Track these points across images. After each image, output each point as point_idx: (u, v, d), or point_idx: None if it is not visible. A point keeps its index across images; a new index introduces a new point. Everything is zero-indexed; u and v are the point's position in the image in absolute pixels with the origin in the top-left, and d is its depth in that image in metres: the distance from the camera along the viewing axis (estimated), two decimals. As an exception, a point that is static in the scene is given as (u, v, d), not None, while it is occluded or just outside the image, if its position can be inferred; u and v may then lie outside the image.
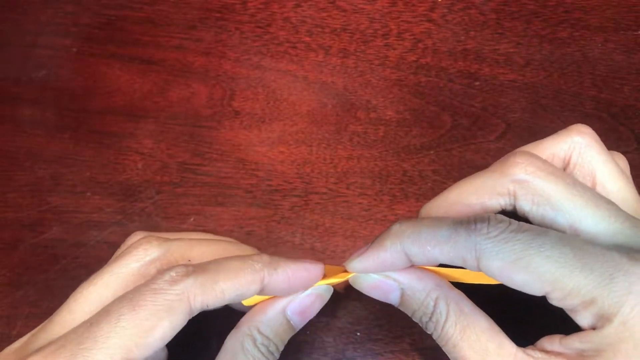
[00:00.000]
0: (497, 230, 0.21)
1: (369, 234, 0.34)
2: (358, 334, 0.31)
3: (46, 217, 0.34)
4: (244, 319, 0.24)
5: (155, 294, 0.21)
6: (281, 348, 0.24)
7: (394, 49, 0.37)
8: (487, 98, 0.36)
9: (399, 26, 0.38)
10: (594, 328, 0.21)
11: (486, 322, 0.23)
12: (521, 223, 0.22)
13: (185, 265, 0.22)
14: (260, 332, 0.24)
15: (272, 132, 0.36)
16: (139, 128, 0.36)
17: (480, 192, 0.24)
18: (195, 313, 0.22)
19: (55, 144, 0.36)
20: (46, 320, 0.24)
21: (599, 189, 0.25)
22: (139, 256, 0.24)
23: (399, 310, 0.25)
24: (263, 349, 0.24)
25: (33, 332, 0.24)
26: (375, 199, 0.34)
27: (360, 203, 0.34)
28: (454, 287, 0.24)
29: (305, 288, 0.24)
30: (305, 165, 0.35)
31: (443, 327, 0.23)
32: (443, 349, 0.23)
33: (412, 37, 0.38)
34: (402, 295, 0.24)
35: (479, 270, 0.22)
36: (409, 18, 0.38)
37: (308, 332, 0.31)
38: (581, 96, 0.36)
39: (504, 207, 0.24)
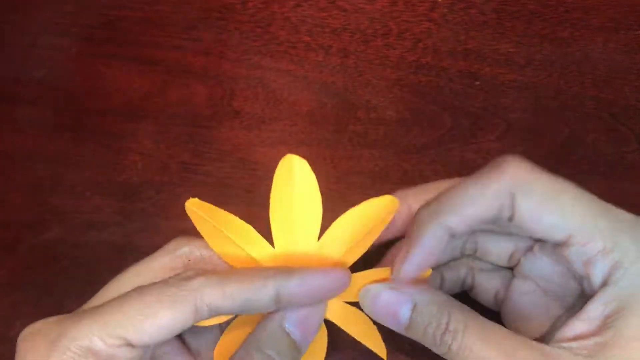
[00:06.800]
0: (525, 170, 0.22)
1: (369, 234, 0.33)
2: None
3: (46, 217, 0.34)
4: (247, 339, 0.24)
5: (163, 286, 0.22)
6: None
7: (394, 49, 0.37)
8: (487, 98, 0.36)
9: (399, 26, 0.38)
10: (605, 284, 0.21)
11: (503, 328, 0.22)
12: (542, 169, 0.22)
13: (203, 269, 0.23)
14: (261, 351, 0.23)
15: (272, 132, 0.36)
16: (138, 128, 0.36)
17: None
18: (205, 315, 0.22)
19: (55, 144, 0.36)
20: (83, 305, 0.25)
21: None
22: (169, 249, 0.26)
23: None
24: None
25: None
26: (375, 199, 0.34)
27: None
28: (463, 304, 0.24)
29: (332, 297, 0.24)
30: (305, 165, 0.35)
31: (463, 336, 0.22)
32: None
33: (412, 36, 0.38)
34: (414, 309, 0.23)
35: (511, 220, 0.22)
36: (409, 18, 0.38)
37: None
38: (582, 96, 0.36)
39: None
